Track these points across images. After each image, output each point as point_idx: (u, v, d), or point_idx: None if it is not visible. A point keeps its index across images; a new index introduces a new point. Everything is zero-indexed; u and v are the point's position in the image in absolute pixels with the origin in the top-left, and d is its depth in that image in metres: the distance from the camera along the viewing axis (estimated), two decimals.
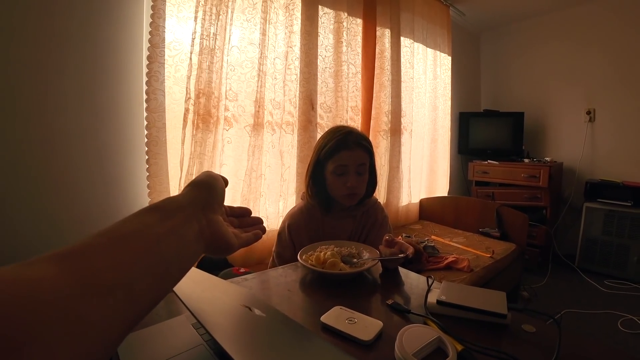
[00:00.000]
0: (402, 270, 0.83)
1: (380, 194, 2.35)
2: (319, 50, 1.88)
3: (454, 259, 1.79)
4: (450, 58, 2.91)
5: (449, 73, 2.91)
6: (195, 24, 1.41)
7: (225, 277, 1.35)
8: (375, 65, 2.26)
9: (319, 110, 1.93)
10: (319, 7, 1.88)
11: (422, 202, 2.78)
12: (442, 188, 2.96)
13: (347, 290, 0.71)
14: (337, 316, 0.57)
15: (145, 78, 1.34)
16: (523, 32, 3.21)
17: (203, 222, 0.33)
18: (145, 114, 1.36)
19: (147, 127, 1.36)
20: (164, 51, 1.36)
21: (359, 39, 2.16)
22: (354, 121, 2.15)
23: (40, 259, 0.21)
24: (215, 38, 1.45)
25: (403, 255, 0.76)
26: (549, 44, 3.04)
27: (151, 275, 0.26)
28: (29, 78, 1.20)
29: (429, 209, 2.74)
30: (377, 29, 2.25)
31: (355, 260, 0.79)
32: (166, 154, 1.41)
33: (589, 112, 2.82)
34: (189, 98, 1.43)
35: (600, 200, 2.56)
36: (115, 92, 1.39)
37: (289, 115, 1.79)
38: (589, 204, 2.60)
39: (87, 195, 1.34)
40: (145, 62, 1.34)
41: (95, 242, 0.24)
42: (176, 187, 1.45)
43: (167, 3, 1.35)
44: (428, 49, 2.70)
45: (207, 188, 0.37)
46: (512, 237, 2.22)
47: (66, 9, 1.25)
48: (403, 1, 2.41)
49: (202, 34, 1.42)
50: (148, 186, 1.38)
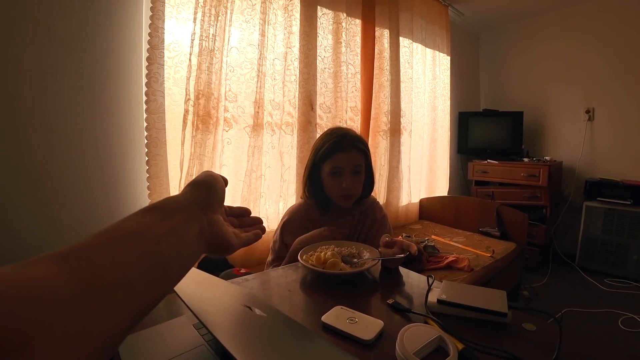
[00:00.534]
0: (402, 270, 0.83)
1: (380, 194, 2.35)
2: (318, 51, 1.88)
3: (454, 258, 1.79)
4: (449, 58, 2.92)
5: (448, 73, 2.92)
6: (195, 25, 1.41)
7: (226, 277, 1.35)
8: (375, 65, 2.27)
9: (319, 111, 1.93)
10: (318, 7, 1.88)
11: (422, 201, 2.78)
12: (441, 188, 2.96)
13: (347, 290, 0.71)
14: (337, 316, 0.57)
15: (144, 79, 1.34)
16: (522, 32, 3.22)
17: (203, 221, 0.33)
18: (145, 115, 1.36)
19: (147, 128, 1.36)
20: (163, 52, 1.36)
21: (358, 39, 2.17)
22: (354, 121, 2.15)
23: (40, 259, 0.21)
24: (215, 39, 1.46)
25: (403, 255, 0.76)
26: (547, 44, 3.05)
27: (151, 274, 0.26)
28: (29, 79, 1.20)
29: (428, 209, 2.74)
30: (376, 29, 2.25)
31: (356, 260, 0.79)
32: (166, 155, 1.41)
33: (588, 111, 2.82)
34: (189, 99, 1.44)
35: (600, 199, 2.57)
36: (115, 94, 1.39)
37: (288, 115, 1.79)
38: (588, 203, 2.60)
39: (87, 197, 1.34)
40: (144, 63, 1.35)
41: (96, 242, 0.24)
42: (176, 188, 1.45)
43: (166, 4, 1.35)
44: (427, 49, 2.71)
45: (207, 188, 0.37)
46: (512, 236, 2.22)
47: (65, 11, 1.25)
48: (402, 1, 2.41)
49: (201, 35, 1.42)
50: (148, 187, 1.39)
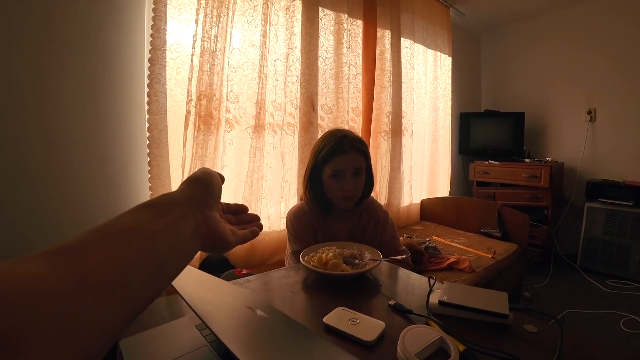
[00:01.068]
0: (403, 271, 0.84)
1: (381, 195, 2.35)
2: (319, 52, 1.89)
3: (455, 259, 1.79)
4: (450, 58, 2.92)
5: (449, 73, 2.92)
6: (196, 26, 1.42)
7: (227, 278, 1.35)
8: (376, 66, 2.27)
9: (320, 112, 1.93)
10: (320, 8, 1.89)
11: (423, 202, 2.78)
12: (443, 188, 2.96)
13: (349, 291, 0.72)
14: (339, 317, 0.57)
15: (146, 80, 1.34)
16: (523, 32, 3.21)
17: (199, 218, 0.33)
18: (146, 116, 1.37)
19: (149, 129, 1.36)
20: (165, 53, 1.36)
21: (360, 40, 2.17)
22: (355, 122, 2.15)
23: (34, 256, 0.21)
24: (216, 40, 1.46)
25: (404, 256, 0.76)
26: (549, 44, 3.04)
27: (146, 271, 0.26)
28: (31, 81, 1.21)
29: (430, 210, 2.74)
30: (377, 30, 2.25)
31: (357, 261, 0.80)
32: (168, 155, 1.42)
33: (589, 112, 2.81)
34: (191, 100, 1.44)
35: (601, 200, 2.56)
36: (117, 95, 1.40)
37: (290, 116, 1.79)
38: (590, 204, 2.59)
39: (89, 197, 1.35)
40: (146, 64, 1.35)
41: (90, 239, 0.24)
42: None
43: (168, 6, 1.36)
44: (428, 49, 2.71)
45: (203, 184, 0.36)
46: (514, 237, 2.22)
47: (68, 12, 1.26)
48: (403, 2, 2.41)
49: (203, 36, 1.42)
50: (150, 188, 1.39)
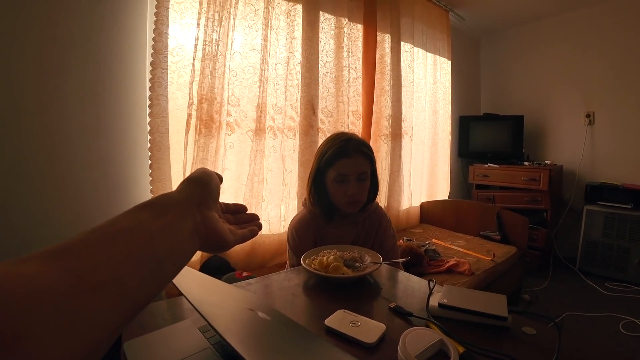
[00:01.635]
0: (403, 274, 0.84)
1: (381, 198, 2.36)
2: (320, 56, 1.90)
3: (455, 262, 1.80)
4: (450, 62, 2.93)
5: (449, 77, 2.93)
6: (198, 30, 1.43)
7: (228, 281, 1.36)
8: (376, 70, 2.28)
9: (320, 115, 1.95)
10: (320, 12, 1.90)
11: (422, 205, 2.79)
12: (442, 191, 2.97)
13: (350, 293, 0.72)
14: (340, 319, 0.58)
15: (148, 84, 1.35)
16: (522, 36, 3.23)
17: (198, 218, 0.33)
18: (148, 119, 1.37)
19: (150, 132, 1.37)
20: (167, 57, 1.37)
21: (360, 44, 2.18)
22: (355, 126, 2.17)
23: (32, 256, 0.21)
24: (218, 44, 1.47)
25: (405, 259, 0.77)
26: (548, 48, 3.06)
27: (145, 271, 0.26)
28: (33, 84, 1.21)
29: (429, 213, 2.75)
30: (377, 34, 2.27)
31: (358, 264, 0.80)
32: (169, 159, 1.43)
33: (588, 115, 2.83)
34: (192, 103, 1.45)
35: (600, 203, 2.57)
36: (119, 98, 1.41)
37: (290, 120, 1.81)
38: (589, 207, 2.61)
39: (90, 200, 1.36)
40: (148, 68, 1.36)
41: (88, 239, 0.24)
42: None
43: (170, 10, 1.37)
44: (428, 53, 2.73)
45: (202, 184, 0.36)
46: (513, 240, 2.23)
47: (70, 16, 1.27)
48: (403, 6, 2.43)
49: (204, 40, 1.43)
50: (151, 191, 1.40)
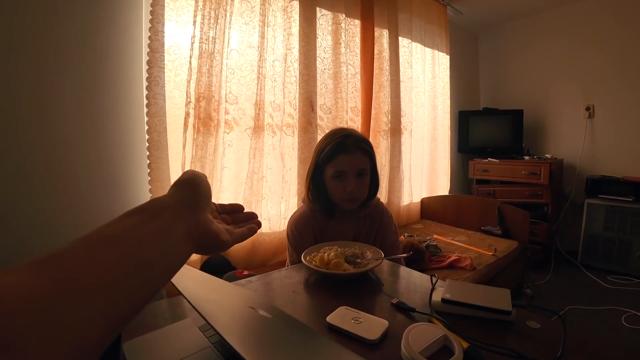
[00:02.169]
0: (405, 270, 0.84)
1: (381, 194, 2.35)
2: (317, 52, 1.89)
3: (456, 257, 1.79)
4: (448, 57, 2.92)
5: (447, 72, 2.92)
6: (194, 28, 1.42)
7: (229, 280, 1.35)
8: (374, 65, 2.27)
9: (319, 112, 1.94)
10: (317, 8, 1.89)
11: (423, 201, 2.78)
12: (443, 187, 2.96)
13: (351, 290, 0.72)
14: (342, 316, 0.57)
15: (145, 83, 1.34)
16: (521, 30, 3.22)
17: (190, 221, 0.33)
18: (146, 118, 1.37)
19: (148, 131, 1.36)
20: (163, 56, 1.36)
21: (357, 40, 2.17)
22: (354, 122, 2.16)
23: (17, 267, 0.21)
24: (215, 42, 1.46)
25: (406, 254, 0.76)
26: (546, 41, 3.05)
27: (135, 277, 0.26)
28: (30, 84, 1.21)
29: (430, 208, 2.74)
30: (375, 29, 2.26)
31: (359, 260, 0.80)
32: (167, 158, 1.42)
33: (588, 108, 2.82)
34: (190, 102, 1.44)
35: (601, 196, 2.56)
36: (116, 97, 1.40)
37: (289, 117, 1.80)
38: (590, 200, 2.60)
39: (89, 200, 1.35)
40: (145, 66, 1.35)
41: (75, 247, 0.24)
42: None
43: (165, 8, 1.36)
44: (426, 48, 2.71)
45: (192, 187, 0.36)
46: (514, 234, 2.22)
47: (66, 15, 1.26)
48: (400, 1, 2.41)
49: (201, 38, 1.42)
50: (150, 190, 1.39)
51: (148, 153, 1.37)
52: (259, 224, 0.44)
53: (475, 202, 2.54)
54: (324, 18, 1.96)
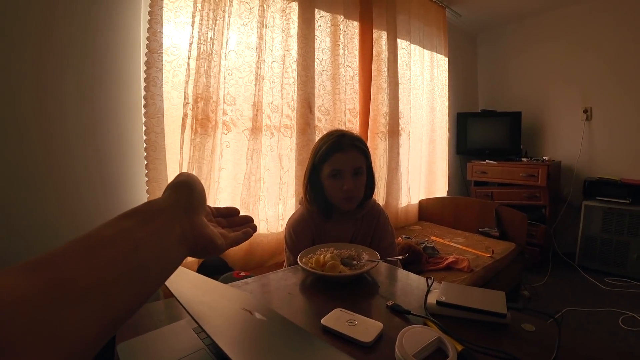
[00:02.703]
0: (401, 272, 0.84)
1: (379, 196, 2.35)
2: (316, 54, 1.89)
3: (454, 259, 1.79)
4: (447, 59, 2.93)
5: (446, 74, 2.93)
6: (193, 29, 1.42)
7: (226, 281, 1.35)
8: (373, 67, 2.27)
9: (317, 113, 1.94)
10: (316, 10, 1.89)
11: (421, 203, 2.78)
12: (441, 188, 2.97)
13: (347, 292, 0.71)
14: (337, 318, 0.57)
15: (143, 83, 1.34)
16: (519, 33, 3.23)
17: (186, 224, 0.33)
18: (143, 119, 1.37)
19: (146, 132, 1.36)
20: (161, 56, 1.36)
21: (356, 41, 2.17)
22: (352, 123, 2.16)
23: (11, 269, 0.21)
24: (213, 43, 1.46)
25: (402, 256, 0.76)
26: (545, 44, 3.06)
27: (129, 280, 0.26)
28: (28, 84, 1.20)
29: (428, 210, 2.74)
30: (373, 31, 2.26)
31: (355, 262, 0.80)
32: (165, 158, 1.42)
33: (585, 111, 2.83)
34: (187, 103, 1.44)
35: (598, 198, 2.57)
36: (114, 98, 1.39)
37: (287, 118, 1.80)
38: (587, 202, 2.60)
39: (86, 201, 1.34)
40: (143, 67, 1.35)
41: (70, 249, 0.24)
42: None
43: (164, 9, 1.36)
44: (425, 50, 2.72)
45: (187, 189, 0.36)
46: (512, 236, 2.22)
47: (64, 16, 1.26)
48: (399, 3, 2.42)
49: (199, 39, 1.42)
50: (147, 191, 1.39)
51: (145, 154, 1.37)
52: (254, 228, 0.43)
53: (473, 203, 2.55)
54: (322, 20, 1.96)
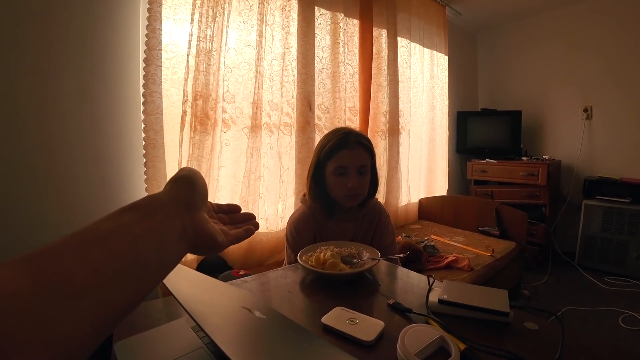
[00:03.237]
0: (402, 270, 0.83)
1: (379, 194, 2.34)
2: (316, 51, 1.88)
3: (454, 258, 1.79)
4: (447, 58, 2.92)
5: (446, 72, 2.92)
6: (192, 26, 1.41)
7: (225, 279, 1.34)
8: (373, 65, 2.26)
9: (317, 111, 1.93)
10: (316, 8, 1.88)
11: (421, 201, 2.78)
12: (441, 187, 2.96)
13: (347, 290, 0.71)
14: (338, 317, 0.57)
15: (142, 81, 1.33)
16: (519, 31, 3.22)
17: (186, 220, 0.32)
18: (142, 116, 1.35)
19: (145, 130, 1.35)
20: (160, 54, 1.35)
21: (356, 39, 2.16)
22: (352, 122, 2.15)
23: (6, 263, 0.20)
24: (212, 40, 1.45)
25: (403, 255, 0.75)
26: (545, 43, 3.05)
27: (127, 276, 0.25)
28: (27, 81, 1.20)
29: (428, 209, 2.74)
30: (373, 29, 2.25)
31: (356, 260, 0.79)
32: (164, 156, 1.41)
33: (586, 110, 2.82)
34: (187, 100, 1.43)
35: (598, 197, 2.57)
36: (113, 95, 1.39)
37: (286, 116, 1.79)
38: (587, 201, 2.60)
39: (85, 199, 1.34)
40: (142, 64, 1.34)
41: (66, 244, 0.23)
42: None
43: (163, 6, 1.35)
44: (425, 48, 2.71)
45: (189, 184, 0.35)
46: (512, 235, 2.22)
47: (63, 12, 1.25)
48: (399, 1, 2.41)
49: (198, 36, 1.41)
50: (146, 189, 1.38)
51: (144, 152, 1.36)
52: (256, 226, 0.42)
53: (473, 202, 2.54)
54: (322, 17, 1.95)
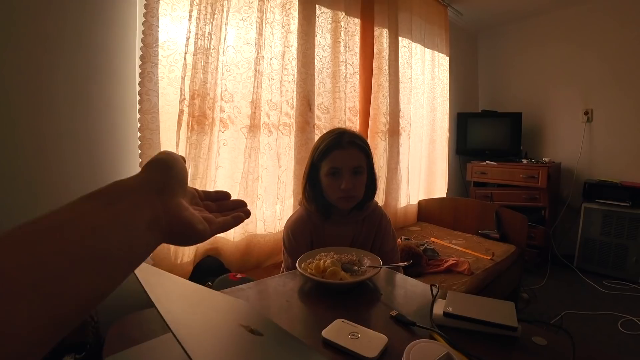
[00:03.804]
0: (404, 278, 0.81)
1: (378, 196, 2.32)
2: (316, 50, 1.85)
3: (454, 261, 1.77)
4: (448, 58, 2.90)
5: (447, 73, 2.90)
6: (190, 23, 1.37)
7: (222, 283, 1.32)
8: (373, 65, 2.24)
9: (317, 111, 1.90)
10: (317, 6, 1.85)
11: (420, 203, 2.76)
12: (440, 189, 2.94)
13: (348, 300, 0.68)
14: (338, 330, 0.54)
15: (138, 79, 1.30)
16: (521, 32, 3.20)
17: (158, 207, 0.29)
18: (138, 115, 1.32)
19: (140, 129, 1.32)
20: (157, 51, 1.32)
21: (357, 39, 2.14)
22: (352, 122, 2.12)
23: None
24: (210, 38, 1.42)
25: (406, 262, 0.73)
26: (546, 45, 3.03)
27: (83, 271, 0.22)
28: (21, 79, 1.17)
29: (427, 211, 2.72)
30: (375, 28, 2.22)
31: (357, 268, 0.76)
32: None
33: (586, 113, 2.81)
34: (184, 99, 1.40)
35: (598, 201, 2.56)
36: (108, 94, 1.35)
37: (286, 116, 1.76)
38: (587, 205, 2.59)
39: None
40: (138, 62, 1.31)
41: (14, 235, 0.21)
42: None
43: (160, 2, 1.32)
44: (426, 49, 2.68)
45: (163, 168, 0.32)
46: (512, 238, 2.20)
47: (58, 8, 1.22)
48: (401, 1, 2.38)
49: (196, 34, 1.38)
50: None
51: (140, 152, 1.33)
52: (247, 213, 0.39)
53: (472, 205, 2.52)
54: (323, 16, 1.92)
